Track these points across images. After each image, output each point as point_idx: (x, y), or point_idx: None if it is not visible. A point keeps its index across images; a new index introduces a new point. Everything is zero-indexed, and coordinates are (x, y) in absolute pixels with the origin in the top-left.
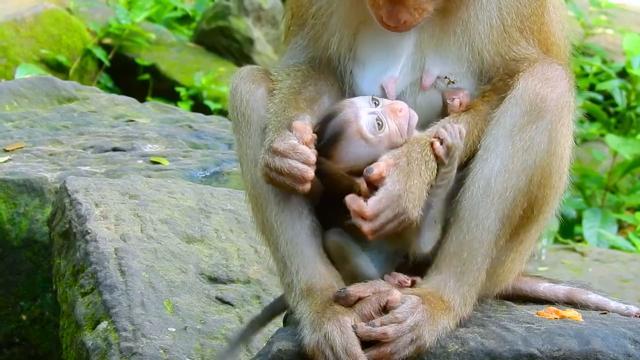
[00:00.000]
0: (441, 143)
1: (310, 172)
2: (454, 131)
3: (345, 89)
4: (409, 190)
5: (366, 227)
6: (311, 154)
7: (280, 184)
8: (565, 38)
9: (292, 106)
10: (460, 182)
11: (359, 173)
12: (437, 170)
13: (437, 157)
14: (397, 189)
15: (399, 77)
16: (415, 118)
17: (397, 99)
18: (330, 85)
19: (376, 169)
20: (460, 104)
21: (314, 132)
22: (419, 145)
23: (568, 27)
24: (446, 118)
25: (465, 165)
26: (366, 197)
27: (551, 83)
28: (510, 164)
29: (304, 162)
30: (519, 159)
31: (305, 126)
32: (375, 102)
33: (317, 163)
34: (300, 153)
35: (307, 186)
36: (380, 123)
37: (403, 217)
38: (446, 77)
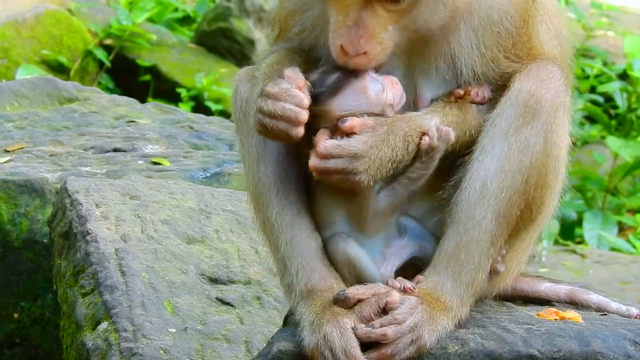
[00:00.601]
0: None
1: (304, 114)
2: (443, 135)
3: None
4: (371, 155)
5: (312, 161)
6: (304, 97)
7: (273, 130)
8: (563, 45)
9: (281, 63)
10: (456, 183)
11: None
12: (413, 161)
13: (417, 149)
14: (359, 148)
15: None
16: (404, 98)
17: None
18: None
19: (349, 122)
20: (479, 96)
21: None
22: (407, 125)
23: (567, 33)
24: (448, 108)
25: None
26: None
27: (546, 84)
28: (506, 165)
29: (297, 105)
30: (514, 159)
31: (297, 73)
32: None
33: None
34: (293, 95)
35: (301, 130)
36: (383, 88)
37: (350, 176)
38: (440, 99)
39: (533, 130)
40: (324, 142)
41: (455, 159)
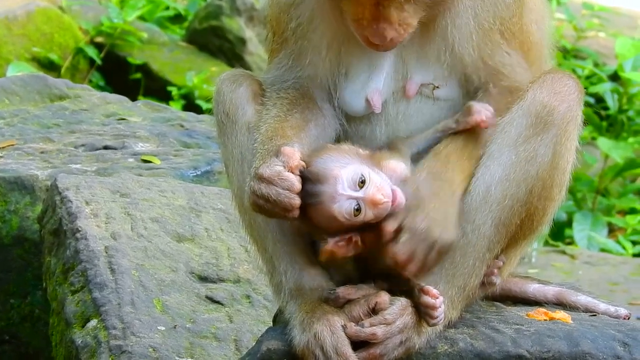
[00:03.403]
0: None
1: (295, 200)
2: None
3: (334, 103)
4: (430, 217)
5: (407, 272)
6: (295, 181)
7: (269, 211)
8: (544, 38)
9: (279, 134)
10: None
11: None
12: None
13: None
14: (419, 222)
15: (382, 88)
16: (401, 200)
17: (382, 108)
18: (316, 112)
19: (389, 226)
20: (482, 121)
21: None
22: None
23: (548, 25)
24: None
25: None
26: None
27: (559, 97)
28: (511, 173)
29: (288, 189)
30: (521, 169)
31: (293, 152)
32: (361, 183)
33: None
34: (284, 180)
35: (296, 212)
36: (357, 209)
37: (440, 246)
38: (430, 84)
39: (543, 141)
40: (397, 252)
41: None
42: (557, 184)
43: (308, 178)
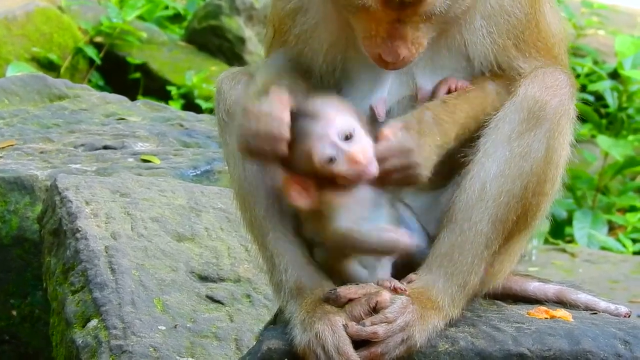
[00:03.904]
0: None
1: (285, 130)
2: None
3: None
4: (422, 144)
5: (371, 169)
6: (286, 113)
7: (257, 150)
8: (562, 33)
9: (275, 83)
10: (454, 184)
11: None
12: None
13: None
14: (410, 141)
15: (387, 97)
16: (373, 172)
17: (387, 115)
18: (307, 83)
19: (386, 130)
20: (450, 90)
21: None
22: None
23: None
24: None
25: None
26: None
27: (551, 91)
28: (506, 169)
29: (278, 120)
30: (515, 164)
31: (281, 90)
32: (349, 136)
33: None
34: (275, 112)
35: (284, 147)
36: (332, 160)
37: (410, 172)
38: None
39: (536, 137)
40: (377, 147)
41: (458, 154)
42: (551, 179)
43: (300, 115)
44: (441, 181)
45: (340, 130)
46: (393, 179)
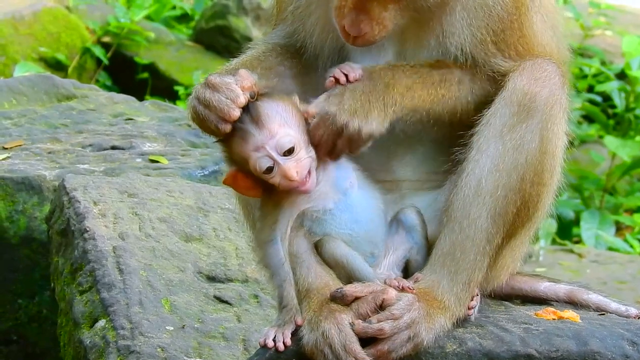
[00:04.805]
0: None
1: (235, 112)
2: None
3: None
4: (342, 105)
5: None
6: (241, 95)
7: (204, 119)
8: (560, 40)
9: (247, 66)
10: (451, 183)
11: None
12: None
13: None
14: (329, 106)
15: None
16: (310, 188)
17: None
18: (296, 63)
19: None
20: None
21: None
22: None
23: (563, 31)
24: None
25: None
26: None
27: (540, 82)
28: (500, 163)
29: (232, 100)
30: (509, 157)
31: (249, 75)
32: (287, 152)
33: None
34: (231, 90)
35: (228, 127)
36: (269, 170)
37: (345, 132)
38: None
39: (528, 128)
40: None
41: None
42: (548, 169)
43: (249, 113)
44: (440, 181)
45: (279, 144)
46: (338, 148)
